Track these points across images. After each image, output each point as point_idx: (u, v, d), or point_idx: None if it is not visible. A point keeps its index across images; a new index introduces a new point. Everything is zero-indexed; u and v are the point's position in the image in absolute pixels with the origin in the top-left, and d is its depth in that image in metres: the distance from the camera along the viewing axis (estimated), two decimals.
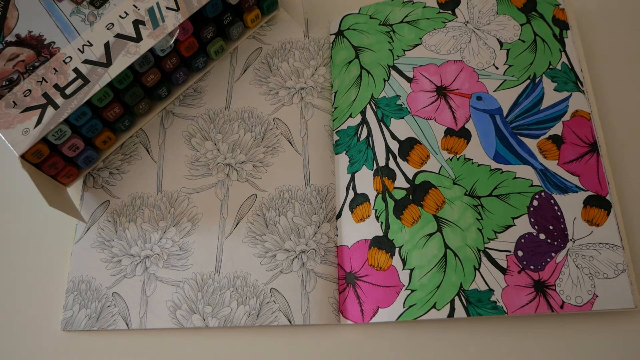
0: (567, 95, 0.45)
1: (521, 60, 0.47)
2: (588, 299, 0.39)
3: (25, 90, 0.40)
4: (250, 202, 0.45)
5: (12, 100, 0.40)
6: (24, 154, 0.40)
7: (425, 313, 0.39)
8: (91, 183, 0.47)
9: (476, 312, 0.39)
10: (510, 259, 0.40)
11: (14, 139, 0.39)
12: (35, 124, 0.40)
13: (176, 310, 0.42)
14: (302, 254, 0.43)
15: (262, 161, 0.46)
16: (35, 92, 0.40)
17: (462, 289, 0.40)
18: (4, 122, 0.40)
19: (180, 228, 0.45)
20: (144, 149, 0.48)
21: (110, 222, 0.45)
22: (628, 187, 0.44)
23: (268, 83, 0.49)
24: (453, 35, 0.48)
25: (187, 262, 0.43)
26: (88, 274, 0.44)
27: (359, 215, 0.44)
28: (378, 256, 0.42)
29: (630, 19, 0.51)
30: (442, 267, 0.40)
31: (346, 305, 0.41)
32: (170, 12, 0.43)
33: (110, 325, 0.42)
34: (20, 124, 0.40)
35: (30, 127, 0.40)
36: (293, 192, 0.45)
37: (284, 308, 0.41)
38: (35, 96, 0.40)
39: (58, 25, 0.42)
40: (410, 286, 0.40)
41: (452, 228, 0.42)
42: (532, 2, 0.49)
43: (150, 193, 0.46)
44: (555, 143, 0.44)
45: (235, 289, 0.42)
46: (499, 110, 0.45)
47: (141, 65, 0.44)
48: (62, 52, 0.42)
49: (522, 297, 0.39)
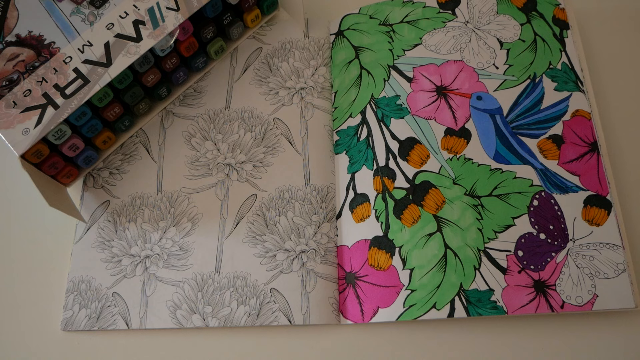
0: (568, 94, 0.45)
1: (521, 60, 0.47)
2: (588, 298, 0.39)
3: (26, 90, 0.40)
4: (251, 202, 0.45)
5: (12, 100, 0.40)
6: (24, 154, 0.40)
7: (425, 313, 0.39)
8: (91, 183, 0.47)
9: (476, 312, 0.39)
10: (511, 259, 0.40)
11: (14, 139, 0.39)
12: (35, 124, 0.40)
13: (176, 310, 0.42)
14: (302, 254, 0.43)
15: (262, 161, 0.46)
16: (35, 92, 0.40)
17: (462, 289, 0.40)
18: (4, 122, 0.40)
19: (180, 228, 0.45)
20: (144, 149, 0.48)
21: (110, 222, 0.45)
22: (628, 187, 0.44)
23: (268, 83, 0.49)
24: (453, 35, 0.48)
25: (187, 262, 0.43)
26: (88, 274, 0.44)
27: (359, 215, 0.44)
28: (378, 256, 0.42)
29: (630, 19, 0.51)
30: (442, 267, 0.40)
31: (346, 305, 0.41)
32: (170, 12, 0.43)
33: (110, 325, 0.42)
34: (20, 124, 0.40)
35: (30, 127, 0.40)
36: (293, 192, 0.45)
37: (284, 308, 0.41)
38: (35, 96, 0.40)
39: (58, 25, 0.42)
40: (410, 286, 0.40)
41: (452, 228, 0.42)
42: (533, 1, 0.49)
43: (150, 193, 0.46)
44: (556, 143, 0.44)
45: (235, 289, 0.42)
46: (499, 110, 0.45)
47: (141, 65, 0.44)
48: (62, 52, 0.42)
49: (523, 297, 0.39)
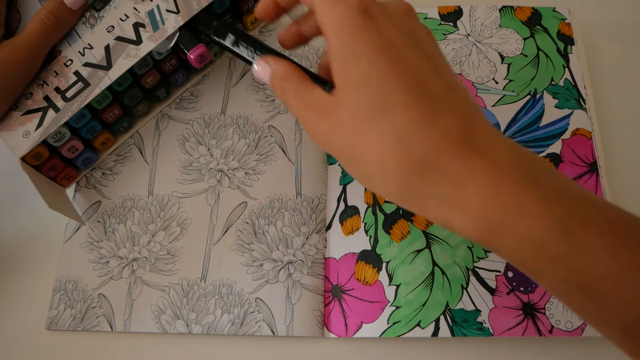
0: (569, 112, 0.44)
1: (522, 75, 0.46)
2: (579, 324, 0.38)
3: (27, 93, 0.41)
4: (240, 209, 0.45)
5: (13, 104, 0.41)
6: (24, 157, 0.40)
7: (409, 331, 0.39)
8: (84, 183, 0.47)
9: (461, 332, 0.38)
10: (500, 280, 0.39)
11: (15, 141, 0.40)
12: (36, 127, 0.40)
13: (160, 315, 0.42)
14: (289, 265, 0.42)
15: (255, 169, 0.46)
16: (37, 95, 0.41)
17: (448, 308, 0.39)
18: (5, 125, 0.40)
19: (169, 232, 0.44)
20: (138, 151, 0.48)
21: (100, 223, 0.45)
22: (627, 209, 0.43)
23: (265, 90, 0.49)
24: (453, 48, 0.48)
25: (174, 267, 0.43)
26: (75, 274, 0.44)
27: (349, 227, 0.43)
28: (365, 270, 0.41)
29: (637, 37, 0.49)
30: (429, 285, 0.40)
31: (331, 318, 0.41)
32: (170, 15, 0.43)
33: (94, 326, 0.42)
34: (21, 127, 0.40)
35: (31, 130, 0.40)
36: (284, 201, 0.45)
37: (268, 318, 0.41)
38: (37, 99, 0.41)
39: None
40: (395, 302, 0.40)
41: (441, 245, 0.41)
42: (537, 15, 0.48)
43: (142, 195, 0.46)
44: (554, 162, 0.43)
45: (220, 297, 0.42)
46: (496, 126, 0.44)
47: (140, 68, 0.44)
48: (63, 54, 0.42)
49: (510, 319, 0.38)
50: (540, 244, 0.24)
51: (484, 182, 0.25)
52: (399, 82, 0.26)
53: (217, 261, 0.43)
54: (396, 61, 0.26)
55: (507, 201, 0.25)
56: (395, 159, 0.26)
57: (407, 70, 0.26)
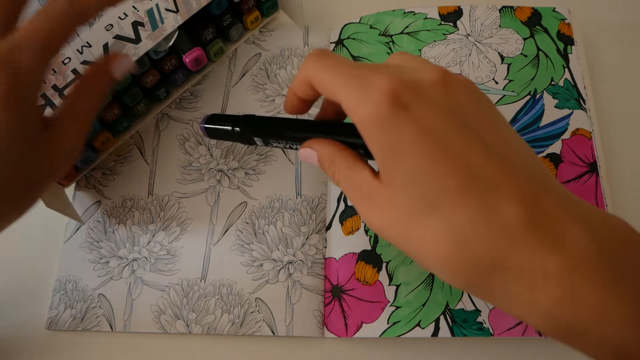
0: (569, 112, 0.44)
1: (522, 75, 0.46)
2: None
3: None
4: (240, 209, 0.45)
5: None
6: None
7: (409, 331, 0.39)
8: (84, 183, 0.47)
9: (461, 332, 0.38)
10: None
11: None
12: None
13: (160, 315, 0.42)
14: (289, 265, 0.42)
15: (255, 169, 0.46)
16: None
17: (448, 308, 0.39)
18: None
19: (170, 232, 0.44)
20: (138, 151, 0.48)
21: (100, 223, 0.45)
22: (626, 211, 0.43)
23: (265, 90, 0.49)
24: (453, 48, 0.47)
25: (174, 267, 0.43)
26: (75, 274, 0.44)
27: (349, 227, 0.43)
28: (365, 270, 0.41)
29: (637, 37, 0.49)
30: (429, 285, 0.40)
31: (331, 318, 0.41)
32: (169, 14, 0.43)
33: (94, 326, 0.42)
34: None
35: None
36: (284, 201, 0.45)
37: (268, 318, 0.41)
38: None
39: None
40: (395, 302, 0.40)
41: None
42: (537, 15, 0.48)
43: (142, 195, 0.46)
44: (553, 162, 0.43)
45: (220, 297, 0.42)
46: None
47: (138, 67, 0.44)
48: (60, 52, 0.42)
49: (510, 319, 0.38)
50: (626, 352, 0.22)
51: (557, 282, 0.22)
52: (445, 179, 0.24)
53: (217, 261, 0.43)
54: (439, 152, 0.24)
55: (587, 305, 0.22)
56: (458, 262, 0.24)
57: (454, 160, 0.24)
